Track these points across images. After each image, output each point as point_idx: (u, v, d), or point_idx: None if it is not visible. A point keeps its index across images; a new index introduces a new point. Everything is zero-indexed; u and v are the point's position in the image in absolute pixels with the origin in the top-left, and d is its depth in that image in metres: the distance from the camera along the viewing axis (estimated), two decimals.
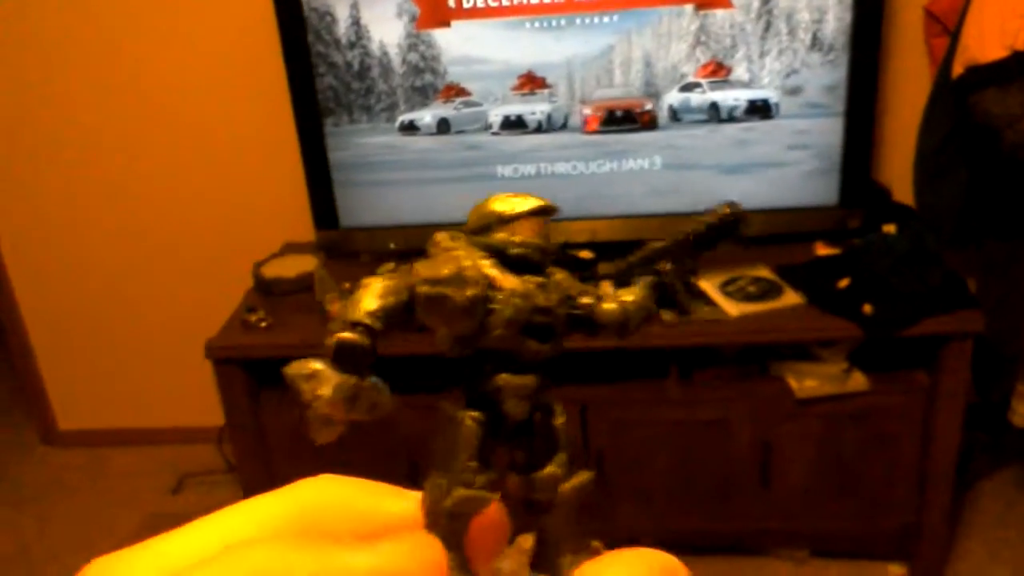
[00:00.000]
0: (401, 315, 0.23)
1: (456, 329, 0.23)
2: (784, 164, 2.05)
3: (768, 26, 1.90)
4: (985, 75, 1.62)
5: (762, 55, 1.93)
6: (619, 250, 2.06)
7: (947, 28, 1.89)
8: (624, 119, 2.00)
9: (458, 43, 1.97)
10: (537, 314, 0.23)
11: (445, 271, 0.23)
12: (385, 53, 1.98)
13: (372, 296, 0.23)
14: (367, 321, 0.22)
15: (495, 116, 2.02)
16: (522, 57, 1.97)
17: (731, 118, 1.98)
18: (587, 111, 2.01)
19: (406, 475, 2.02)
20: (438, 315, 0.23)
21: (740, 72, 1.96)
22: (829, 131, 2.00)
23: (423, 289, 0.23)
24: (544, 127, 2.01)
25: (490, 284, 0.23)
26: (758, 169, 2.05)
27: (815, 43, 1.92)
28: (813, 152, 2.03)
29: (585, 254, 2.05)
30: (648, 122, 2.01)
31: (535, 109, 2.00)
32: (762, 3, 1.89)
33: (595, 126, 2.01)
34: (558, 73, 1.98)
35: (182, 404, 2.65)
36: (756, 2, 1.90)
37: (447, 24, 1.95)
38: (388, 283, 0.23)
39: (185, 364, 2.31)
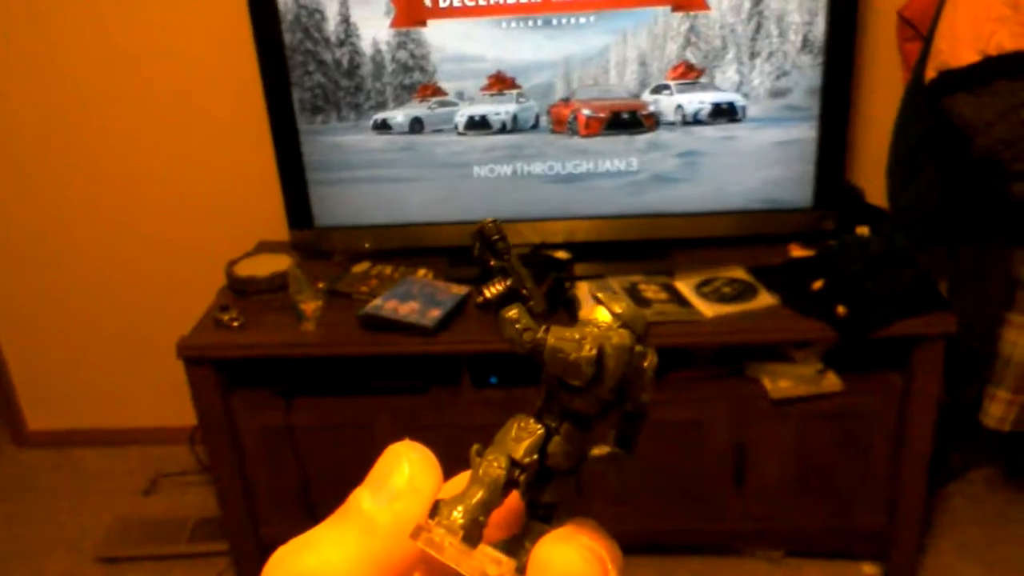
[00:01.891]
0: None
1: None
2: (759, 166, 2.06)
3: (758, 28, 1.90)
4: (957, 79, 1.63)
5: (752, 56, 1.94)
6: (596, 251, 2.07)
7: (920, 33, 1.90)
8: (610, 121, 2.00)
9: (445, 40, 1.96)
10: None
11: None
12: (378, 51, 1.97)
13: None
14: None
15: (461, 116, 2.01)
16: (501, 55, 1.96)
17: (696, 121, 1.98)
18: (565, 112, 2.00)
19: None
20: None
21: (724, 74, 1.96)
22: (804, 134, 2.01)
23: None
24: (509, 128, 2.01)
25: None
26: (733, 171, 2.06)
27: (804, 45, 1.93)
28: (788, 154, 2.04)
29: (561, 254, 2.05)
30: (628, 123, 2.00)
31: (500, 110, 2.00)
32: (752, 4, 1.90)
33: (573, 127, 2.01)
34: (533, 73, 1.98)
35: (154, 404, 2.63)
36: (738, 4, 1.90)
37: (423, 23, 1.94)
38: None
39: (157, 363, 2.28)
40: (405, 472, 0.28)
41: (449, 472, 0.34)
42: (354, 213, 2.12)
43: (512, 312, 0.28)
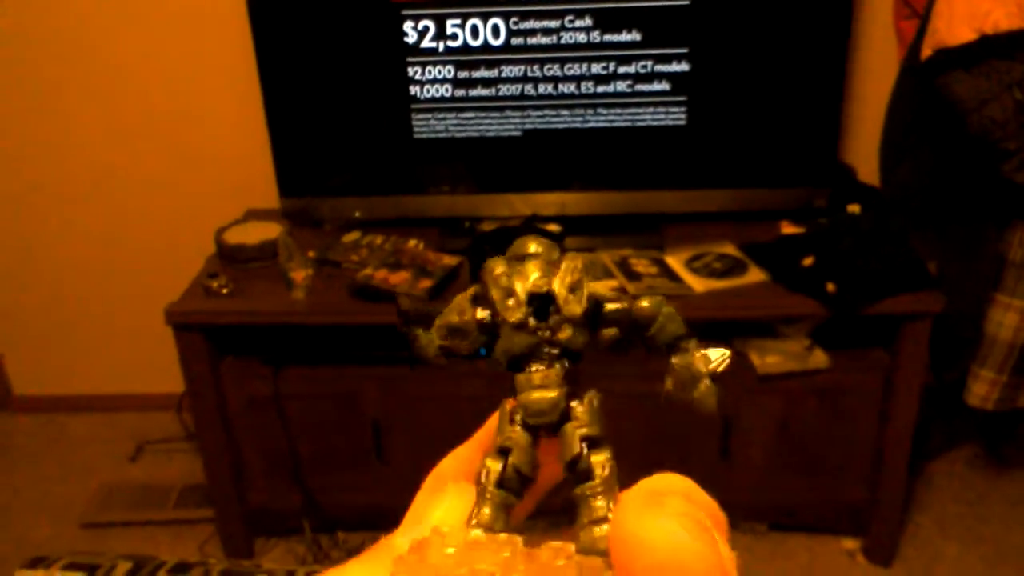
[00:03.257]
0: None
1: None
2: (752, 143, 2.06)
3: None
4: (953, 58, 1.63)
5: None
6: (588, 224, 2.07)
7: (916, 11, 1.90)
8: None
9: None
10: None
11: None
12: None
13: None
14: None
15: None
16: None
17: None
18: None
19: (371, 445, 2.02)
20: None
21: None
22: (794, 111, 2.01)
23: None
24: None
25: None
26: (727, 147, 2.06)
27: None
28: (780, 131, 2.04)
29: (553, 227, 2.05)
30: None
31: None
32: None
33: None
34: None
35: (141, 371, 2.62)
36: None
37: None
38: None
39: (145, 330, 2.27)
40: (440, 510, 0.27)
41: (438, 443, 0.35)
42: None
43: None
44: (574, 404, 0.26)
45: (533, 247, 0.27)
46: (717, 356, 0.27)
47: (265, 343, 2.00)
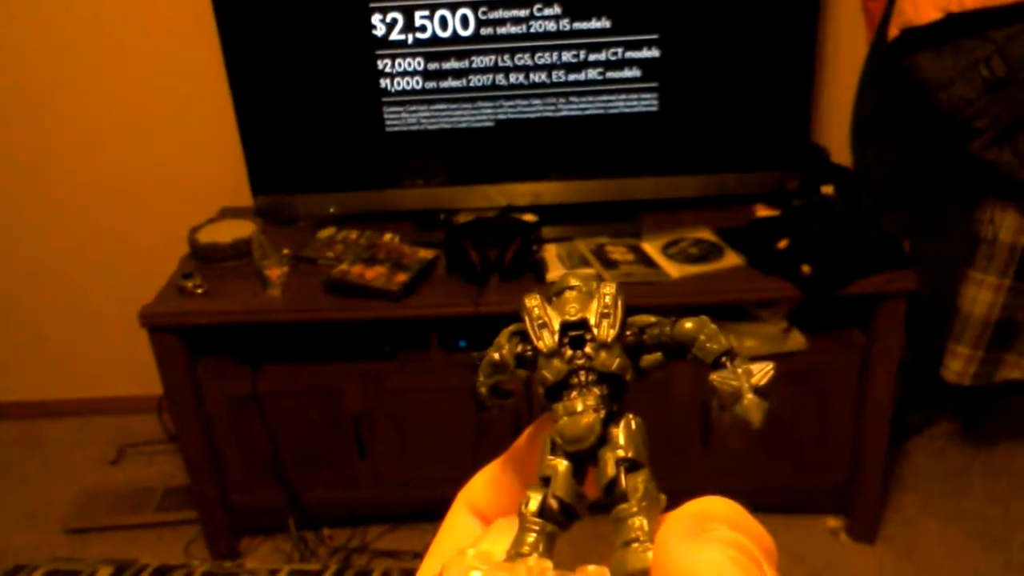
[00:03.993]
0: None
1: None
2: (724, 127, 2.06)
3: None
4: (920, 37, 1.64)
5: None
6: (564, 213, 2.06)
7: None
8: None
9: None
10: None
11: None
12: None
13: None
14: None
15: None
16: None
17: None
18: None
19: (353, 441, 2.01)
20: None
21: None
22: (765, 94, 2.02)
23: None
24: None
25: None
26: (700, 132, 2.06)
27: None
28: (751, 115, 2.04)
29: (529, 217, 2.04)
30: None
31: None
32: None
33: None
34: None
35: (120, 373, 2.60)
36: None
37: None
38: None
39: (121, 332, 2.26)
40: (486, 543, 0.26)
41: (419, 437, 0.34)
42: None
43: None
44: (612, 429, 0.26)
45: (572, 281, 0.28)
46: (759, 369, 0.26)
47: (242, 342, 1.99)
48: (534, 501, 0.25)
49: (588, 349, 0.27)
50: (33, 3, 2.19)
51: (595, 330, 0.27)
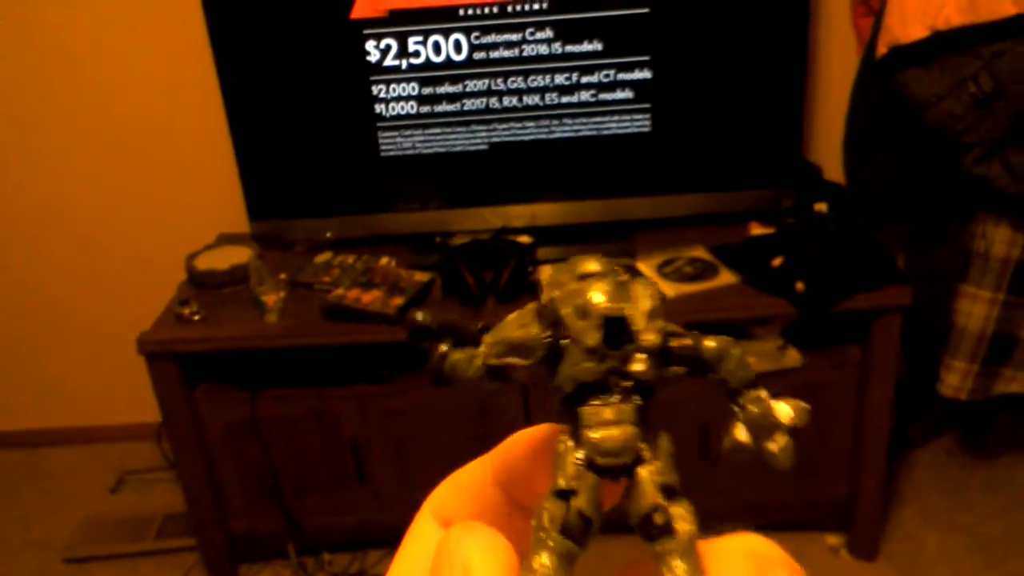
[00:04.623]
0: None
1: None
2: (717, 146, 2.07)
3: None
4: (907, 55, 1.65)
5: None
6: (559, 234, 2.07)
7: (873, 8, 1.92)
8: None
9: None
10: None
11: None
12: None
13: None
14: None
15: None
16: None
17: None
18: None
19: (351, 465, 2.01)
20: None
21: None
22: (758, 113, 2.03)
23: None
24: None
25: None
26: (693, 151, 2.07)
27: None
28: (744, 134, 2.06)
29: (524, 239, 2.05)
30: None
31: None
32: None
33: None
34: None
35: (119, 401, 2.60)
36: None
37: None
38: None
39: (120, 360, 2.26)
40: (477, 556, 0.23)
41: (417, 459, 0.32)
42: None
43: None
44: (646, 445, 0.24)
45: (594, 265, 0.24)
46: (799, 410, 0.25)
47: (240, 368, 2.00)
48: (556, 517, 0.22)
49: (625, 351, 0.23)
50: (28, 31, 2.21)
51: (638, 332, 0.23)
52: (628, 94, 2.00)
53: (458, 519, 0.26)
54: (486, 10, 1.92)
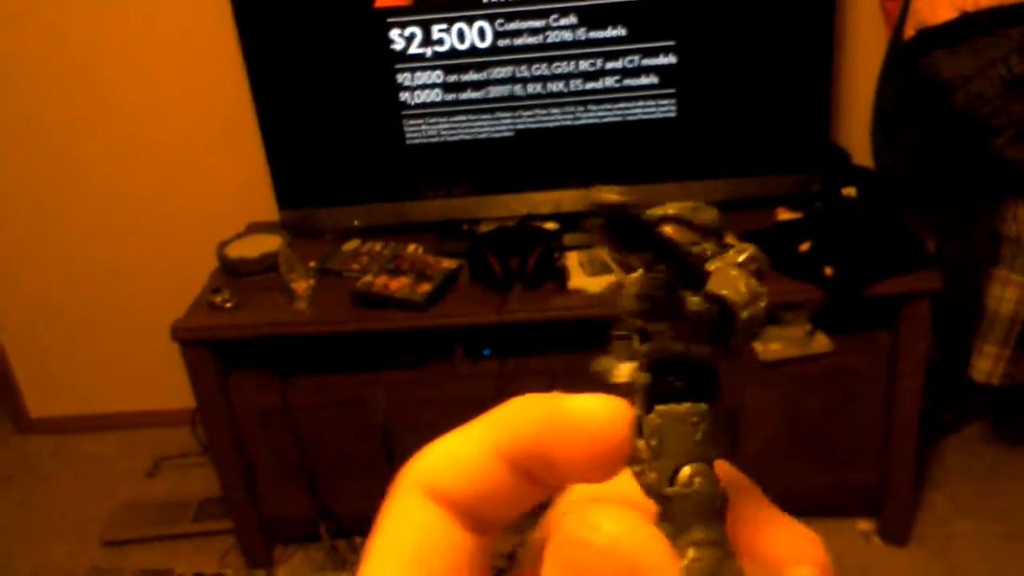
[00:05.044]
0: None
1: None
2: (744, 131, 2.06)
3: None
4: (935, 37, 1.63)
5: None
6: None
7: None
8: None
9: None
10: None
11: None
12: None
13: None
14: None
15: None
16: None
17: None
18: None
19: (381, 450, 2.04)
20: None
21: None
22: (784, 97, 2.02)
23: None
24: None
25: None
26: (719, 137, 2.07)
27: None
28: (771, 118, 2.04)
29: (550, 225, 2.06)
30: None
31: None
32: None
33: None
34: None
35: (154, 387, 2.65)
36: None
37: None
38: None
39: (156, 347, 2.30)
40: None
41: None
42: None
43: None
44: None
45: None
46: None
47: (271, 354, 2.03)
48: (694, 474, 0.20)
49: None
50: (57, 24, 2.25)
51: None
52: (653, 79, 2.00)
53: (458, 497, 0.24)
54: None
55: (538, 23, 1.94)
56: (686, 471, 0.20)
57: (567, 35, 1.95)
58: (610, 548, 0.19)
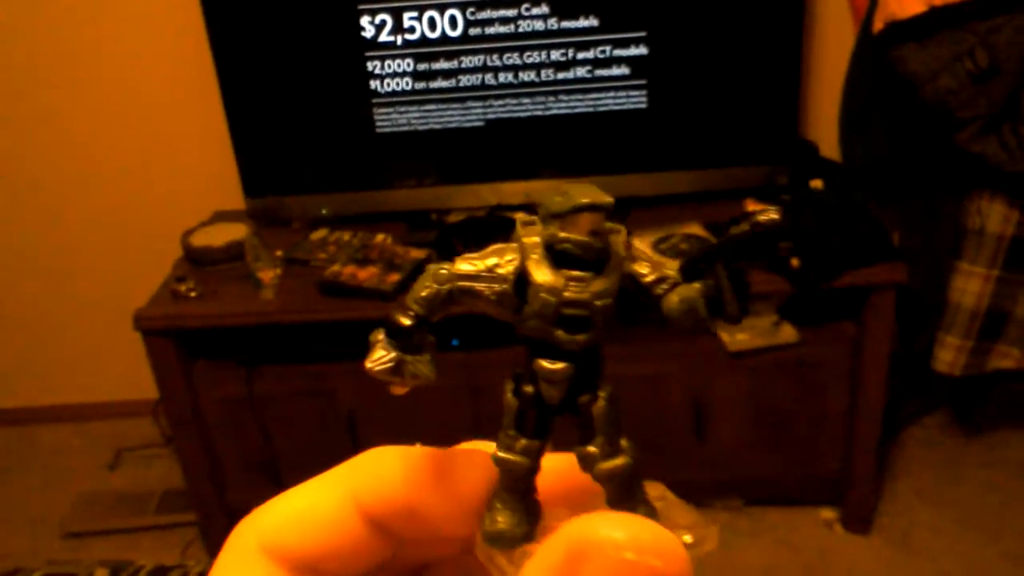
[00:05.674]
0: (443, 302, 0.25)
1: (496, 316, 0.25)
2: (713, 123, 2.07)
3: None
4: (904, 30, 1.65)
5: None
6: None
7: None
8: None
9: None
10: (568, 307, 0.24)
11: (480, 265, 0.25)
12: None
13: (422, 283, 0.25)
14: (414, 308, 0.25)
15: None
16: None
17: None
18: None
19: (348, 440, 2.02)
20: (473, 306, 0.25)
21: None
22: (754, 89, 2.03)
23: (458, 284, 0.25)
24: None
25: (526, 278, 0.24)
26: (689, 128, 2.07)
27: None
28: (740, 110, 2.06)
29: (521, 215, 2.05)
30: None
31: None
32: None
33: None
34: None
35: (115, 378, 2.61)
36: None
37: None
38: (438, 272, 0.25)
39: (117, 337, 2.26)
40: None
41: (414, 435, 0.30)
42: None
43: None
44: None
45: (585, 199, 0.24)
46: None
47: (237, 344, 2.00)
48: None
49: None
50: (20, 12, 2.20)
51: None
52: (624, 70, 2.00)
53: (303, 555, 0.23)
54: None
55: (510, 12, 1.93)
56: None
57: (539, 24, 1.94)
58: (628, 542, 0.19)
